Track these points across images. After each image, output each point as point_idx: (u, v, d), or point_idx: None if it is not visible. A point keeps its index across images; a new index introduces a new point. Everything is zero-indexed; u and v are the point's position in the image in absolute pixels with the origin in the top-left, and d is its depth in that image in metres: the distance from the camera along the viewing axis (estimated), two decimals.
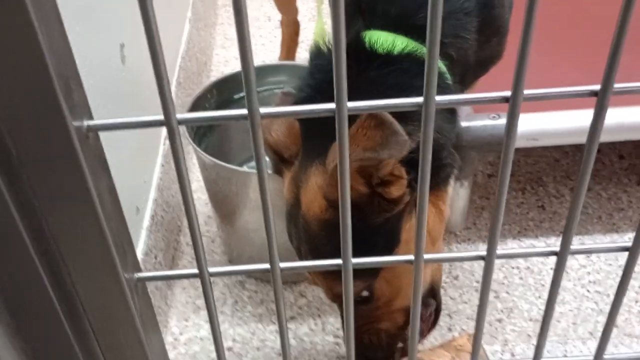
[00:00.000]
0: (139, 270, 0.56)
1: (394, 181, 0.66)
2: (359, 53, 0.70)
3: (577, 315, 1.06)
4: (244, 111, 0.36)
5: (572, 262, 1.15)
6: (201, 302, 1.12)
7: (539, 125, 1.09)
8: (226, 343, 1.05)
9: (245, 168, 1.19)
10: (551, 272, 1.13)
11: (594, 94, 0.38)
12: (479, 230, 1.23)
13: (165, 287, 1.10)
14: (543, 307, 1.06)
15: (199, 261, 0.53)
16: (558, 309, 1.07)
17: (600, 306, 1.07)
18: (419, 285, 0.55)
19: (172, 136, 0.37)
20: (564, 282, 1.12)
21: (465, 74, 0.79)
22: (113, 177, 0.55)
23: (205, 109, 1.15)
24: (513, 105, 0.38)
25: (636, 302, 1.08)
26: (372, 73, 0.69)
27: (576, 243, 1.14)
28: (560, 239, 0.43)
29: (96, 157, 0.48)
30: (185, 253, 1.21)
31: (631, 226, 1.22)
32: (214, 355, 1.03)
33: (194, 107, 1.11)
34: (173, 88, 1.37)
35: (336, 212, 0.68)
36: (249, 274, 1.15)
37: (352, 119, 0.64)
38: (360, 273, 0.73)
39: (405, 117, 0.69)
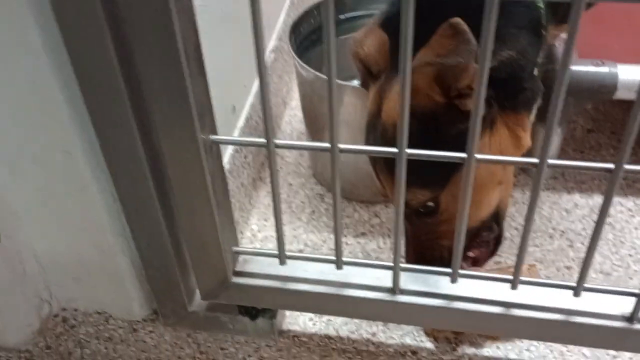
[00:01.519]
0: (215, 133, 0.63)
1: (471, 94, 0.68)
2: None
3: None
4: None
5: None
6: (285, 207, 1.19)
7: None
8: (298, 246, 1.11)
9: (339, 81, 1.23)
10: (634, 231, 1.10)
11: None
12: (566, 182, 1.21)
13: (250, 187, 1.18)
14: (617, 262, 1.05)
15: (267, 132, 0.58)
16: (632, 266, 1.05)
17: None
18: (468, 182, 0.57)
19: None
20: None
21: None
22: (213, 76, 0.61)
23: (310, 25, 1.19)
24: None
25: None
26: None
27: None
28: None
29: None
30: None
31: None
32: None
33: (297, 25, 1.16)
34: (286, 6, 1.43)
35: (413, 119, 0.72)
36: (322, 181, 1.21)
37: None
38: (428, 182, 0.76)
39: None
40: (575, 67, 1.06)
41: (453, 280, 0.68)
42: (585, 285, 0.66)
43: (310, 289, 0.73)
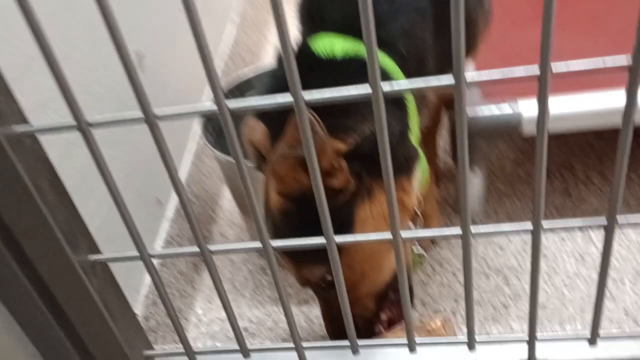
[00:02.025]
0: (96, 252, 0.65)
1: (335, 172, 0.71)
2: (304, 58, 0.75)
3: (586, 302, 1.05)
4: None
5: (591, 248, 1.14)
6: (226, 286, 1.21)
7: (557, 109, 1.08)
8: (243, 323, 1.13)
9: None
10: (566, 258, 1.12)
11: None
12: (499, 218, 1.24)
13: (192, 272, 1.20)
14: (551, 293, 1.06)
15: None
16: (567, 294, 1.07)
17: (612, 293, 1.05)
18: (400, 260, 0.59)
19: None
20: (579, 267, 1.11)
21: (424, 69, 0.82)
22: (132, 170, 0.63)
23: None
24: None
25: None
26: (315, 76, 0.74)
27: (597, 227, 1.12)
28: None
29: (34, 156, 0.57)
30: (217, 241, 1.30)
31: None
32: (231, 334, 1.12)
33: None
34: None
35: (291, 202, 0.75)
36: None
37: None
38: (320, 257, 0.78)
39: (349, 113, 0.73)
40: (478, 112, 1.09)
41: (354, 352, 0.70)
42: (477, 337, 0.68)
43: None
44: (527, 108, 1.08)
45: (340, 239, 0.61)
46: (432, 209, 1.21)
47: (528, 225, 0.53)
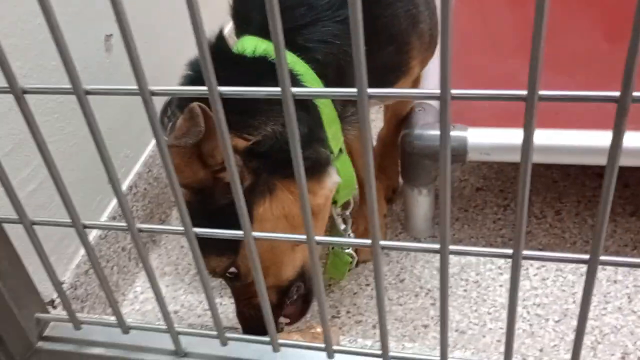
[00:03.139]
0: None
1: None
2: (218, 55, 0.78)
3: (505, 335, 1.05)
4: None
5: (524, 282, 1.14)
6: (169, 268, 1.25)
7: (492, 139, 1.09)
8: (175, 307, 1.16)
9: None
10: (498, 289, 1.13)
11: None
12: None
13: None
14: (475, 321, 1.07)
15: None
16: (489, 324, 1.07)
17: (533, 329, 1.06)
18: (316, 265, 0.60)
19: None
20: (505, 300, 1.11)
21: (344, 78, 0.84)
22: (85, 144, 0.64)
23: None
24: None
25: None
26: (225, 73, 0.77)
27: (536, 264, 1.13)
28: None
29: None
30: (173, 224, 1.34)
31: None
32: (159, 315, 1.15)
33: None
34: None
35: (188, 190, 0.78)
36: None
37: None
38: (222, 250, 0.81)
39: (253, 112, 0.76)
40: (424, 132, 1.11)
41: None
42: (334, 348, 0.69)
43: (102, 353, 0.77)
44: (475, 135, 1.09)
45: (258, 235, 0.62)
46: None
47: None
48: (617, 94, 0.35)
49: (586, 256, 0.47)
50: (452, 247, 0.52)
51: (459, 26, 1.41)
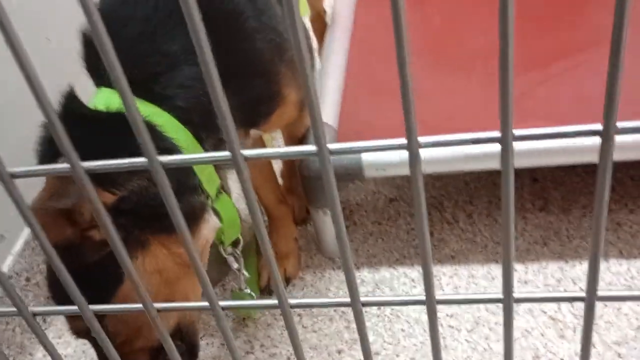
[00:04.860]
0: None
1: (98, 225, 0.71)
2: (73, 112, 0.75)
3: (419, 351, 1.04)
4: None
5: (437, 291, 1.13)
6: None
7: (386, 155, 1.08)
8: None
9: None
10: (414, 313, 1.12)
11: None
12: (358, 257, 1.23)
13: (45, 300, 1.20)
14: (389, 340, 1.06)
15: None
16: (402, 342, 1.06)
17: (447, 341, 1.05)
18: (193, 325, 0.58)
19: None
20: (422, 314, 1.10)
21: (213, 119, 0.81)
22: None
23: None
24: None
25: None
26: (79, 133, 0.74)
27: (448, 273, 1.11)
28: (435, 268, 0.44)
29: None
30: None
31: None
32: None
33: None
34: None
35: (57, 250, 0.74)
36: None
37: None
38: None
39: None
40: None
41: None
42: None
43: None
44: (368, 153, 1.07)
45: (160, 305, 0.59)
46: (289, 248, 1.21)
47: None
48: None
49: (500, 295, 0.45)
50: (363, 299, 0.48)
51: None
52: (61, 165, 0.43)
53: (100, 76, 0.80)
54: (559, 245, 1.17)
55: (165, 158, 0.42)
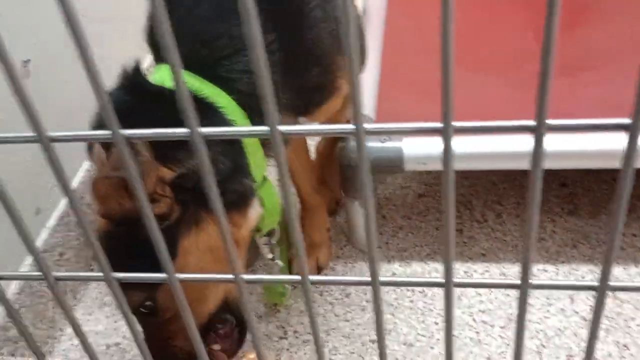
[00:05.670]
0: None
1: (158, 199, 0.71)
2: (135, 87, 0.76)
3: (454, 344, 1.05)
4: None
5: (467, 290, 1.14)
6: (109, 298, 1.20)
7: (427, 149, 1.08)
8: (117, 338, 1.12)
9: None
10: (442, 299, 1.13)
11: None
12: (389, 250, 1.24)
13: (76, 283, 1.19)
14: (422, 332, 1.07)
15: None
16: (436, 335, 1.07)
17: (480, 336, 1.06)
18: (245, 304, 0.57)
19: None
20: (454, 309, 1.11)
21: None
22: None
23: None
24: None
25: None
26: (144, 106, 0.75)
27: (480, 270, 1.13)
28: (466, 265, 0.45)
29: None
30: None
31: (544, 258, 1.18)
32: (101, 348, 1.11)
33: None
34: None
35: (111, 222, 0.75)
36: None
37: None
38: (141, 283, 0.78)
39: (178, 145, 0.73)
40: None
41: None
42: None
43: None
44: (410, 145, 1.08)
45: (183, 276, 0.59)
46: (322, 237, 1.22)
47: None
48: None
49: (517, 281, 0.46)
50: (382, 279, 0.50)
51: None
52: (101, 132, 0.43)
53: (161, 53, 0.81)
54: (589, 249, 1.19)
55: (206, 130, 0.42)
